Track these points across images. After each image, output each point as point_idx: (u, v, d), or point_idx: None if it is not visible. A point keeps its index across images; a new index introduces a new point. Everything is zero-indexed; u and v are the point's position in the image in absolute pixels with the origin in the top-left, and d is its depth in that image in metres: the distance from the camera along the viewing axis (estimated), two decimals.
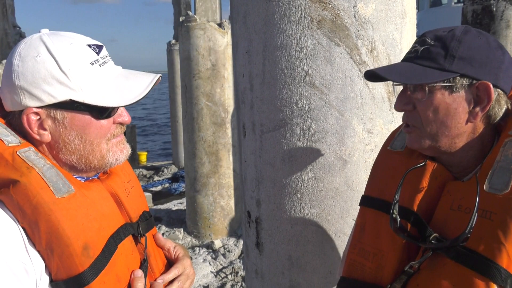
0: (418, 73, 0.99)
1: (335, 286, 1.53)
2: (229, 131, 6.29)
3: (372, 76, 1.06)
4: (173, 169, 11.47)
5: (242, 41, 1.58)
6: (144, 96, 0.96)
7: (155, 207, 8.07)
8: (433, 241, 0.99)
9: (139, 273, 1.01)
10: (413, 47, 1.05)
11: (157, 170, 11.63)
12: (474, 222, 0.92)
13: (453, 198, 1.01)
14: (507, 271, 0.88)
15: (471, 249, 0.93)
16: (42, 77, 0.90)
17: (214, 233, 6.38)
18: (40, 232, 0.86)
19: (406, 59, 1.05)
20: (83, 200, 0.93)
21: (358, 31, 1.42)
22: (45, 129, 0.94)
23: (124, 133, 1.07)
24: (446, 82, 0.97)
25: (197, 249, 6.15)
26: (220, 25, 6.16)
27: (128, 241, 1.02)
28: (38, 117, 0.93)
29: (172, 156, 12.44)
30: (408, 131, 1.07)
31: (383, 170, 1.20)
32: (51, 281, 0.89)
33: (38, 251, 0.88)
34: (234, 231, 6.53)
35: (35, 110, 0.92)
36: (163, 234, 6.56)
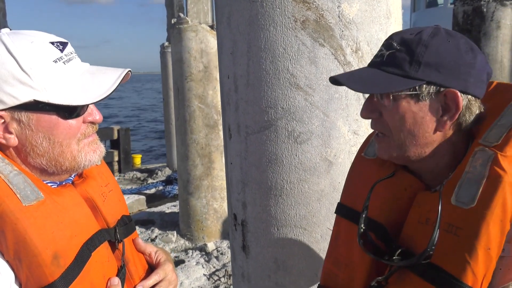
0: (382, 81, 0.94)
1: None
2: (221, 133, 6.27)
3: (337, 82, 1.01)
4: (167, 171, 11.42)
5: (226, 42, 1.57)
6: (111, 93, 0.91)
7: (148, 209, 8.02)
8: (397, 257, 0.96)
9: (116, 280, 0.97)
10: (380, 50, 0.99)
11: (151, 172, 11.57)
12: (436, 238, 0.88)
13: (421, 211, 0.96)
14: None
15: (437, 266, 0.89)
16: (3, 79, 0.86)
17: (207, 236, 6.34)
18: (7, 241, 0.83)
19: (372, 64, 1.00)
20: (53, 207, 0.89)
21: (342, 31, 1.41)
22: (10, 133, 0.90)
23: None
24: (412, 91, 0.92)
25: (190, 251, 6.11)
26: (212, 27, 6.13)
27: (104, 247, 0.98)
28: (3, 120, 0.89)
29: (166, 158, 12.38)
30: (378, 140, 1.02)
31: (356, 178, 1.17)
32: None
33: (7, 261, 0.85)
34: (227, 233, 6.50)
35: None
36: (156, 237, 6.52)
